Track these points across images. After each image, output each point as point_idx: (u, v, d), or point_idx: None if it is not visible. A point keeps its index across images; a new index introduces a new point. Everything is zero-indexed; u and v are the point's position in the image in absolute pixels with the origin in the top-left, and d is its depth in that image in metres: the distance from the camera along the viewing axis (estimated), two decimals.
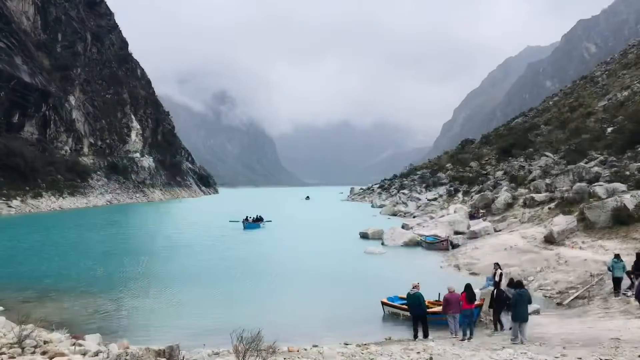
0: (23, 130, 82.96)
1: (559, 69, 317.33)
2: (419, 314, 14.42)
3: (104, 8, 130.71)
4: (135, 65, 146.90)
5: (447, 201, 63.70)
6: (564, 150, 56.05)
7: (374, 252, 31.96)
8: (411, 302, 14.56)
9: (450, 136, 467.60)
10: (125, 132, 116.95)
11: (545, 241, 26.31)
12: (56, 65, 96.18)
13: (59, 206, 74.62)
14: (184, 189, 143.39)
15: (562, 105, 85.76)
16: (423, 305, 14.36)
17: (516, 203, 40.14)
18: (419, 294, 14.34)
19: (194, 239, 41.19)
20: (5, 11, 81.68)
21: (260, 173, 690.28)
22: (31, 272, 24.92)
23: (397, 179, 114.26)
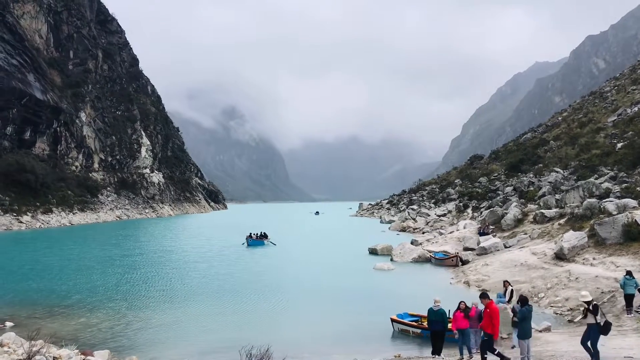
0: (35, 146, 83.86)
1: (568, 84, 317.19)
2: (440, 330, 14.27)
3: (115, 26, 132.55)
4: (146, 81, 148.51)
5: (456, 217, 63.41)
6: (573, 166, 55.79)
7: (383, 268, 31.81)
8: (434, 318, 14.39)
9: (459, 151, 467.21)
10: (135, 148, 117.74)
11: (555, 257, 26.10)
12: (68, 82, 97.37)
13: (68, 222, 75.01)
14: (193, 205, 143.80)
15: (571, 120, 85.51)
16: (446, 322, 14.19)
17: (526, 219, 39.88)
18: (443, 310, 14.23)
19: (202, 254, 41.22)
20: (18, 29, 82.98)
21: (268, 188, 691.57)
22: (41, 287, 25.08)
23: (405, 195, 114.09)
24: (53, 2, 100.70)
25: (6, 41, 78.53)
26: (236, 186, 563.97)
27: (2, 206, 65.55)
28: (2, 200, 66.82)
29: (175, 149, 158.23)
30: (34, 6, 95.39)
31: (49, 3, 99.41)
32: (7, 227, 62.04)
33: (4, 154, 74.70)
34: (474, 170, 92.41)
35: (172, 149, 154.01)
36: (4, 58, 76.69)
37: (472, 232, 41.90)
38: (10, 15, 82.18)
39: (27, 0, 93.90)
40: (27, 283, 26.31)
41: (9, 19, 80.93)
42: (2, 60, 76.01)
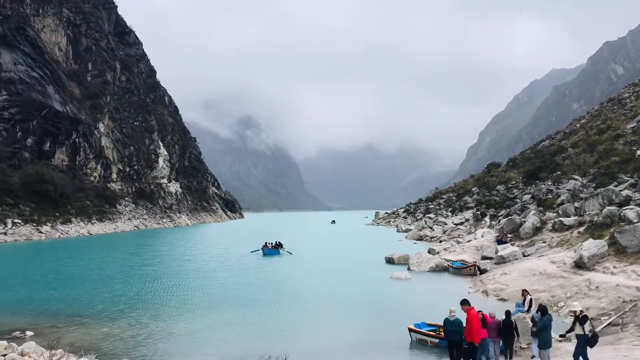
0: (54, 157, 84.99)
1: (586, 91, 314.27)
2: (456, 340, 14.16)
3: (133, 38, 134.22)
4: (163, 92, 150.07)
5: (473, 225, 62.99)
6: (592, 174, 55.20)
7: (400, 278, 31.69)
8: (451, 329, 14.29)
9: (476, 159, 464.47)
10: (152, 158, 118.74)
11: (575, 266, 25.81)
12: (86, 94, 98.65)
13: (87, 231, 75.79)
14: (210, 214, 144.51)
15: (589, 127, 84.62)
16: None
17: (544, 227, 39.51)
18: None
19: (221, 263, 41.53)
20: (39, 43, 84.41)
21: (284, 197, 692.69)
22: (64, 297, 25.43)
23: (422, 203, 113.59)
24: (72, 16, 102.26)
25: (27, 54, 79.90)
26: (252, 195, 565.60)
27: (22, 216, 66.44)
28: (22, 210, 67.75)
29: (193, 158, 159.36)
30: (53, 20, 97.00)
31: (68, 16, 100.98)
32: (27, 237, 62.87)
33: (24, 165, 75.80)
34: (492, 178, 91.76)
35: (190, 158, 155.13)
36: (25, 71, 78.02)
37: (490, 241, 41.58)
38: (31, 29, 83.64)
39: (48, 14, 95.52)
40: (49, 292, 26.67)
41: (29, 32, 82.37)
42: (22, 73, 77.34)
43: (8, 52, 76.49)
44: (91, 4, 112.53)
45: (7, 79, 74.50)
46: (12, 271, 35.68)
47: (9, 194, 67.32)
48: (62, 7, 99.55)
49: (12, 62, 76.44)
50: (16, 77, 75.91)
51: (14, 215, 65.22)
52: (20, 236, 62.00)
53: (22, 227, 64.20)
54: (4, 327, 18.29)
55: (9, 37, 77.39)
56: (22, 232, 63.05)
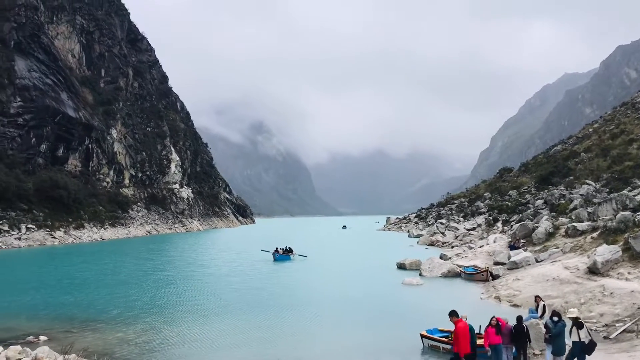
0: (67, 163, 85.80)
1: (599, 95, 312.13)
2: None
3: (145, 44, 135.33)
4: (175, 98, 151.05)
5: (485, 231, 62.66)
6: (605, 178, 54.79)
7: (412, 283, 31.57)
8: None
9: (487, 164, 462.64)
10: (165, 163, 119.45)
11: (588, 272, 25.58)
12: (99, 100, 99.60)
13: (100, 237, 76.29)
14: (221, 219, 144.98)
15: (602, 132, 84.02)
16: (474, 339, 13.93)
17: (557, 232, 39.20)
18: (471, 327, 14.02)
19: (234, 268, 41.72)
20: (53, 50, 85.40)
21: (295, 203, 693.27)
22: (79, 302, 25.65)
23: (434, 208, 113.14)
24: (85, 23, 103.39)
25: (41, 61, 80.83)
26: (263, 200, 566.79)
27: (36, 222, 67.02)
28: (36, 216, 68.34)
29: (204, 164, 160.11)
30: (67, 27, 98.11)
31: (81, 24, 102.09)
32: (40, 242, 63.39)
33: (38, 170, 76.53)
34: (504, 184, 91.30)
35: (201, 164, 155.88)
36: (39, 77, 78.90)
37: (503, 246, 41.33)
38: (45, 36, 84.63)
39: (61, 22, 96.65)
40: (64, 297, 26.91)
41: (43, 39, 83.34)
42: (37, 80, 78.21)
43: (23, 60, 77.41)
44: (104, 11, 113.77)
45: (22, 85, 75.37)
46: (27, 276, 36.04)
47: (23, 200, 67.96)
48: (76, 15, 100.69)
49: (27, 69, 77.35)
50: (30, 84, 76.79)
51: (28, 221, 65.81)
52: (34, 241, 62.52)
53: (36, 233, 64.75)
54: (18, 332, 18.48)
55: (23, 45, 78.35)
56: (35, 238, 63.58)
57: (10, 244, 58.37)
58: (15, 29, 77.78)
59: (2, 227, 60.37)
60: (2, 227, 60.50)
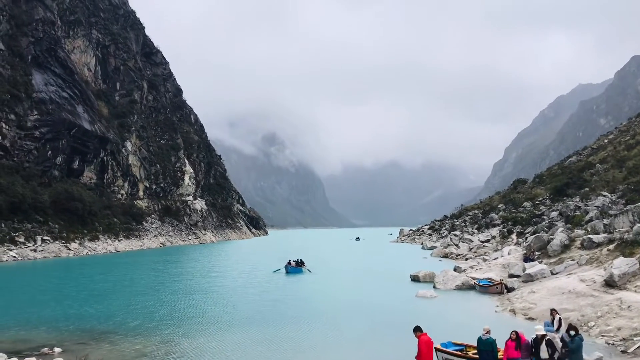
0: (83, 175, 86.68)
1: (613, 106, 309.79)
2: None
3: (160, 58, 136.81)
4: (189, 111, 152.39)
5: (500, 243, 62.19)
6: (621, 190, 54.22)
7: (426, 296, 31.40)
8: (483, 348, 14.12)
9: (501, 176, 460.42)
10: (179, 175, 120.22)
11: (605, 285, 25.29)
12: (114, 113, 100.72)
13: (114, 248, 76.76)
14: (234, 231, 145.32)
15: (617, 143, 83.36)
16: (495, 352, 13.86)
17: (573, 245, 38.84)
18: (492, 340, 13.95)
19: (250, 279, 41.81)
20: (69, 63, 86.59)
21: (308, 214, 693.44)
22: (96, 313, 25.74)
23: (447, 220, 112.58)
24: (101, 37, 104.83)
25: (57, 75, 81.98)
26: (276, 212, 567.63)
27: (51, 233, 67.63)
28: (52, 228, 68.97)
29: (218, 176, 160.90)
30: (83, 41, 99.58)
31: (97, 38, 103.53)
32: (56, 254, 63.90)
33: (54, 183, 77.32)
34: (518, 195, 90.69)
35: (215, 176, 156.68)
36: (55, 91, 79.98)
37: (517, 259, 40.99)
38: (61, 51, 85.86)
39: (78, 36, 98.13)
40: (83, 308, 27.07)
41: (60, 54, 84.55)
42: (53, 93, 79.28)
43: (40, 73, 78.56)
44: (119, 25, 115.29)
45: (39, 99, 76.41)
46: (46, 288, 36.31)
47: (39, 212, 68.67)
48: (92, 29, 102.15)
49: (43, 82, 78.46)
50: (47, 98, 77.84)
51: (44, 233, 66.44)
52: (50, 253, 63.05)
53: (51, 244, 65.31)
54: (34, 344, 18.63)
55: (40, 59, 79.55)
56: (51, 249, 64.12)
57: (26, 255, 58.91)
58: (32, 43, 79.02)
59: (18, 239, 60.97)
60: (18, 238, 61.11)
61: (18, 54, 76.57)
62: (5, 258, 55.13)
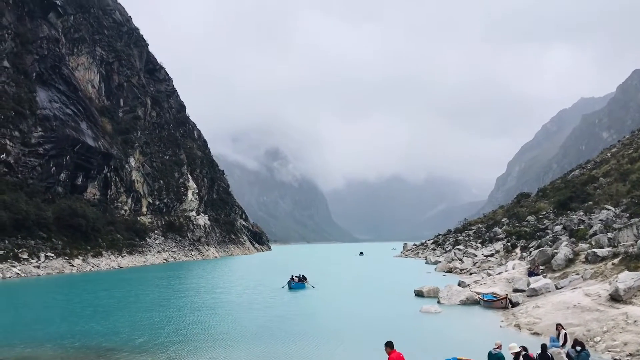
0: (86, 191, 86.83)
1: (616, 119, 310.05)
2: None
3: (163, 74, 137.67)
4: (192, 127, 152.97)
5: (504, 257, 61.99)
6: (625, 203, 54.12)
7: (430, 311, 31.27)
8: None
9: (504, 190, 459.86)
10: (182, 191, 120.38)
11: (610, 299, 25.15)
12: (118, 129, 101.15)
13: (117, 265, 76.68)
14: (237, 246, 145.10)
15: (620, 156, 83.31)
16: None
17: (577, 259, 38.69)
18: (502, 355, 13.94)
19: (255, 295, 41.79)
20: (73, 80, 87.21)
21: (312, 229, 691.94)
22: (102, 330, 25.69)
23: (451, 235, 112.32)
24: (105, 54, 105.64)
25: (62, 92, 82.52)
26: (279, 227, 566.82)
27: (55, 250, 67.64)
28: (55, 244, 69.00)
29: (221, 191, 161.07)
30: (87, 58, 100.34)
31: (101, 55, 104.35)
32: (59, 270, 63.86)
33: (57, 199, 77.48)
34: (521, 209, 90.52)
35: (218, 191, 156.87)
36: (59, 108, 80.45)
37: (522, 273, 40.84)
38: (65, 68, 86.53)
39: (82, 53, 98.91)
40: (89, 325, 27.02)
41: (64, 71, 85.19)
42: (57, 110, 79.74)
43: (44, 90, 79.08)
44: (123, 42, 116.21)
45: (43, 116, 76.83)
46: (51, 304, 36.28)
47: (43, 228, 68.76)
48: (96, 46, 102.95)
49: (48, 99, 78.95)
50: (51, 114, 78.27)
51: (47, 249, 66.46)
52: (53, 269, 63.00)
53: (55, 261, 65.29)
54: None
55: (45, 76, 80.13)
56: (54, 266, 64.09)
57: (29, 272, 58.88)
58: (37, 61, 79.64)
59: (21, 256, 61.00)
60: (21, 255, 61.14)
61: (23, 72, 77.14)
62: (8, 275, 55.13)
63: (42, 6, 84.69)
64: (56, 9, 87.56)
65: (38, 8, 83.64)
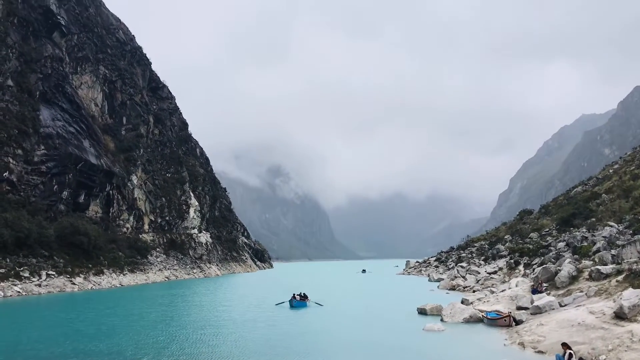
0: (88, 209, 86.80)
1: (618, 136, 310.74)
2: None
3: (166, 92, 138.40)
4: (195, 144, 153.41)
5: (507, 274, 61.73)
6: (628, 220, 53.98)
7: (433, 329, 31.08)
8: None
9: (507, 206, 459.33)
10: (184, 209, 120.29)
11: (615, 317, 24.98)
12: (120, 147, 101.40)
13: (119, 283, 76.36)
14: (239, 264, 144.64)
15: (623, 173, 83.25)
16: None
17: (581, 276, 38.51)
18: None
19: (259, 313, 41.59)
20: (76, 99, 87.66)
21: (314, 246, 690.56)
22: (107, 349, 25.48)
23: (454, 252, 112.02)
24: (109, 73, 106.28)
25: (65, 110, 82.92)
26: (282, 244, 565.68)
27: (56, 268, 67.41)
28: (56, 262, 68.80)
29: (223, 209, 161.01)
30: (90, 77, 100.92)
31: (104, 73, 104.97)
32: (60, 288, 63.60)
33: (59, 217, 77.46)
34: (524, 226, 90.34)
35: (220, 209, 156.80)
36: (62, 126, 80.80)
37: (525, 290, 40.66)
38: (69, 86, 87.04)
39: (85, 72, 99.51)
40: (94, 344, 26.80)
41: (68, 89, 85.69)
42: (60, 128, 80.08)
43: (47, 109, 79.51)
44: (126, 61, 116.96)
45: (46, 134, 77.15)
46: (54, 322, 36.01)
47: (44, 246, 68.63)
48: (99, 65, 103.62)
49: (51, 117, 79.33)
50: (54, 132, 78.59)
51: (49, 267, 66.23)
52: (54, 288, 62.74)
53: (56, 279, 65.04)
54: None
55: (48, 95, 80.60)
56: (55, 284, 63.85)
57: (31, 290, 58.63)
58: (41, 79, 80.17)
59: (22, 274, 60.80)
60: (22, 273, 60.93)
61: (27, 90, 77.60)
62: (9, 293, 54.91)
63: (47, 26, 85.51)
64: (60, 29, 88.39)
65: (43, 27, 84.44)
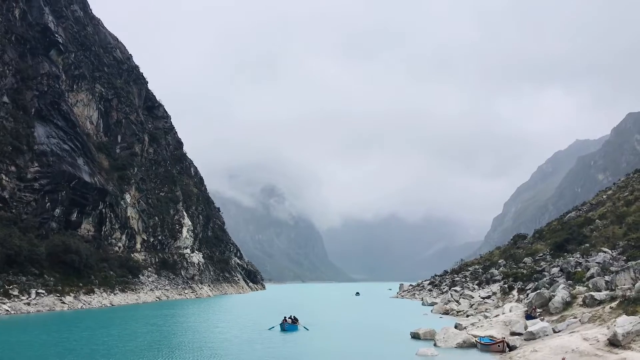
0: (80, 227, 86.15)
1: (611, 162, 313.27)
2: None
3: (162, 111, 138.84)
4: (189, 164, 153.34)
5: (501, 299, 61.49)
6: (622, 246, 54.05)
7: (427, 354, 30.76)
8: None
9: (501, 230, 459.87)
10: (177, 228, 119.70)
11: (609, 344, 24.81)
12: (115, 165, 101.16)
13: (110, 302, 75.52)
14: (231, 285, 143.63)
15: (616, 199, 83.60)
16: None
17: (575, 302, 38.39)
18: None
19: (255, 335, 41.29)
20: (72, 116, 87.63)
21: (307, 268, 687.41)
22: None
23: (448, 275, 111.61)
24: (104, 91, 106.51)
25: (60, 127, 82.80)
26: (274, 265, 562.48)
27: (46, 287, 66.65)
28: (47, 280, 68.06)
29: (216, 229, 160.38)
30: (86, 95, 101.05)
31: (100, 92, 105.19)
32: (50, 307, 62.80)
33: (51, 235, 76.84)
34: (518, 250, 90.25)
35: (213, 229, 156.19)
36: (57, 143, 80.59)
37: (519, 316, 40.43)
38: (65, 104, 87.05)
39: (81, 90, 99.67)
40: None
41: (63, 107, 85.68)
42: (54, 146, 79.86)
43: (42, 126, 79.38)
44: (123, 79, 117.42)
45: (40, 151, 76.90)
46: (47, 342, 35.43)
47: (35, 264, 67.92)
48: (96, 83, 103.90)
49: (46, 135, 79.14)
50: (48, 150, 78.34)
51: (38, 286, 65.47)
52: (44, 307, 61.95)
53: (46, 298, 64.26)
54: None
55: (44, 112, 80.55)
56: (45, 303, 63.06)
57: (19, 309, 57.85)
58: (37, 96, 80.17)
59: (12, 292, 60.08)
60: (12, 292, 60.21)
61: (22, 107, 77.56)
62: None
63: (44, 43, 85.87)
64: (58, 47, 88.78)
65: (40, 45, 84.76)
